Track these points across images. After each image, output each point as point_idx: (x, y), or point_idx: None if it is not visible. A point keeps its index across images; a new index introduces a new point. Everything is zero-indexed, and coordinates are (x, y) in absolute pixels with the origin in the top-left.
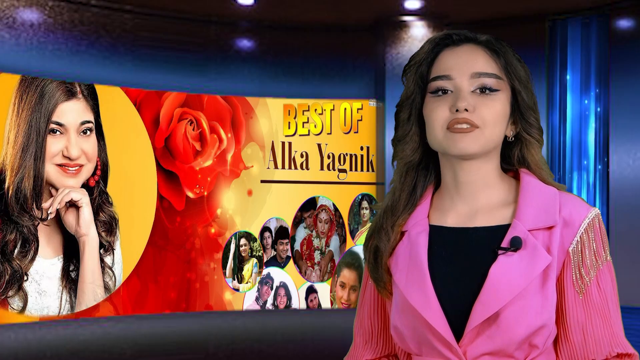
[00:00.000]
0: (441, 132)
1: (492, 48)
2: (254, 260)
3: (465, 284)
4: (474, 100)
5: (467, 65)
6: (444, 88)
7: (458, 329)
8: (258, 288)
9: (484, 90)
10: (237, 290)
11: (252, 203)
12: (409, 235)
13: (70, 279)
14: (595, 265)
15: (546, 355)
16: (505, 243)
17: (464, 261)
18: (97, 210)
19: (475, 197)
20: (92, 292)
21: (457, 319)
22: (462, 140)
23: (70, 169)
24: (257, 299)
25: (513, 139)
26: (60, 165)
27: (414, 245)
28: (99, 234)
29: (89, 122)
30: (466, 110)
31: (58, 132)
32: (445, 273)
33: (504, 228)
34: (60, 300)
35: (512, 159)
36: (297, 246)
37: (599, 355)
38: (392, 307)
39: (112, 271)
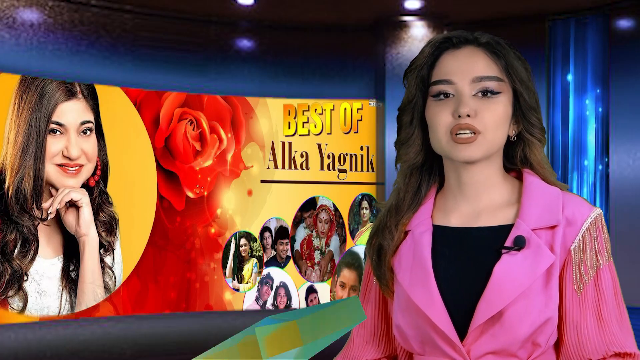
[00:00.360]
0: (444, 137)
1: (492, 50)
2: (254, 260)
3: (468, 283)
4: (475, 104)
5: (468, 69)
6: (445, 92)
7: (462, 328)
8: (258, 288)
9: (485, 93)
10: (237, 290)
11: (252, 203)
12: (412, 235)
13: (70, 279)
14: (596, 265)
15: (548, 354)
16: (509, 242)
17: (467, 261)
18: (97, 210)
19: (479, 197)
20: (92, 292)
21: (461, 318)
22: (466, 149)
23: (70, 169)
24: (257, 299)
25: (515, 138)
26: (60, 165)
27: (417, 244)
28: (99, 234)
29: (89, 122)
30: (468, 115)
31: (58, 132)
32: (448, 272)
33: (507, 228)
34: (60, 300)
35: (514, 158)
36: (297, 246)
37: (594, 354)
38: (395, 306)
39: (112, 271)
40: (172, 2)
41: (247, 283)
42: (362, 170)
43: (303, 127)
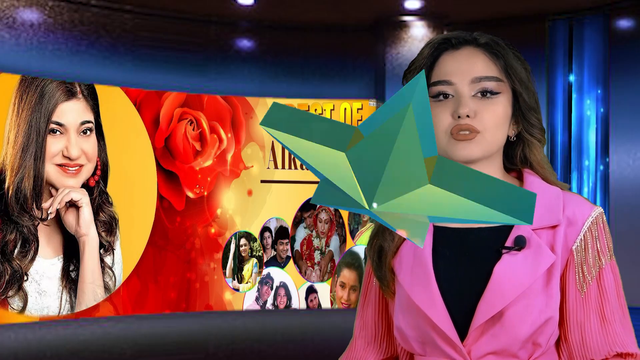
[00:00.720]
0: (444, 138)
1: (491, 50)
2: (254, 260)
3: (469, 283)
4: (475, 104)
5: (467, 70)
6: (444, 92)
7: (462, 329)
8: (258, 288)
9: (484, 94)
10: (237, 290)
11: (252, 203)
12: None
13: (70, 279)
14: (598, 264)
15: (549, 354)
16: (509, 242)
17: (468, 261)
18: (97, 210)
19: None
20: (92, 292)
21: (462, 319)
22: (465, 147)
23: (70, 169)
24: (257, 299)
25: (515, 138)
26: (60, 165)
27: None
28: (99, 234)
29: (89, 122)
30: (468, 116)
31: (58, 132)
32: (449, 273)
33: (508, 228)
34: (60, 300)
35: (514, 158)
36: (297, 246)
37: (597, 355)
38: (395, 307)
39: (112, 271)
40: (172, 2)
41: (247, 283)
42: None
43: None
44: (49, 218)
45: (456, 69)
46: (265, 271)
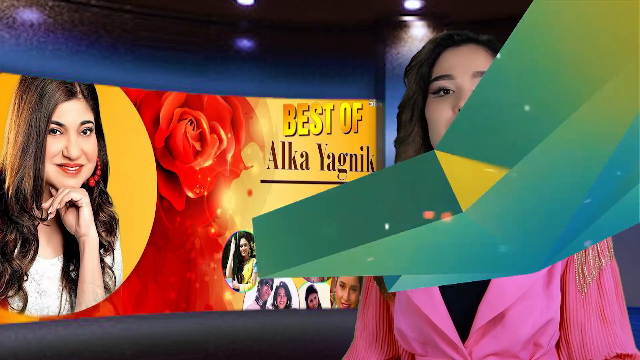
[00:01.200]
0: (444, 133)
1: (493, 48)
2: (254, 260)
3: (470, 284)
4: None
5: (469, 65)
6: (445, 88)
7: (463, 329)
8: (258, 288)
9: None
10: (237, 290)
11: (252, 203)
12: None
13: (70, 279)
14: (598, 265)
15: (550, 355)
16: None
17: None
18: (97, 210)
19: None
20: (92, 292)
21: (462, 319)
22: None
23: (70, 169)
24: (257, 299)
25: None
26: (60, 165)
27: None
28: (99, 234)
29: (89, 122)
30: None
31: (58, 132)
32: None
33: None
34: (60, 300)
35: None
36: None
37: (597, 355)
38: (396, 308)
39: (112, 271)
40: (172, 2)
41: (247, 283)
42: (362, 170)
43: (303, 127)
44: (49, 218)
45: (457, 64)
46: None
